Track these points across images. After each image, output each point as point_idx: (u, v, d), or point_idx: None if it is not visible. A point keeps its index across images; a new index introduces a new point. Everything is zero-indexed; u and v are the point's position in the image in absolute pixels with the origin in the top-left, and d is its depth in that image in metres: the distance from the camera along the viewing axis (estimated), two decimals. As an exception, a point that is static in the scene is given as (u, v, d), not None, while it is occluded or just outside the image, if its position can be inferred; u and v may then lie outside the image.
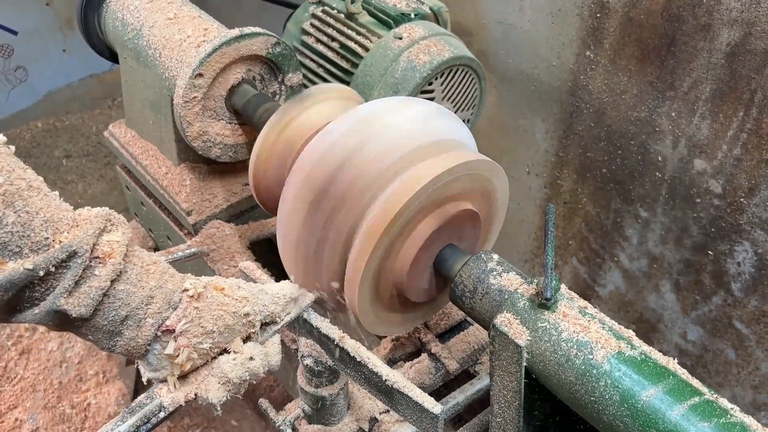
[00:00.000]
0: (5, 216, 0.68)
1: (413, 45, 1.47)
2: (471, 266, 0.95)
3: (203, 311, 0.84)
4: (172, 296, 0.83)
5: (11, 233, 0.69)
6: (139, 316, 0.80)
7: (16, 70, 2.94)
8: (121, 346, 0.81)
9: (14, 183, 0.70)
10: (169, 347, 0.83)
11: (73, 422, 2.01)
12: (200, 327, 0.84)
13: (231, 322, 0.86)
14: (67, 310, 0.74)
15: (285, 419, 1.13)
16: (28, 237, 0.70)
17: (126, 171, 1.67)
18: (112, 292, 0.77)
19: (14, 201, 0.69)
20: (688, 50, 1.43)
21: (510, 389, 0.86)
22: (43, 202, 0.73)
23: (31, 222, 0.70)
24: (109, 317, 0.78)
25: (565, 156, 1.84)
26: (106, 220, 0.78)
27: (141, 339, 0.81)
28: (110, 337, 0.80)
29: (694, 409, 0.72)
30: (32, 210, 0.71)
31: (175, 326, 0.82)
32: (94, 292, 0.75)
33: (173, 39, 1.35)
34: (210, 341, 0.85)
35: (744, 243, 1.49)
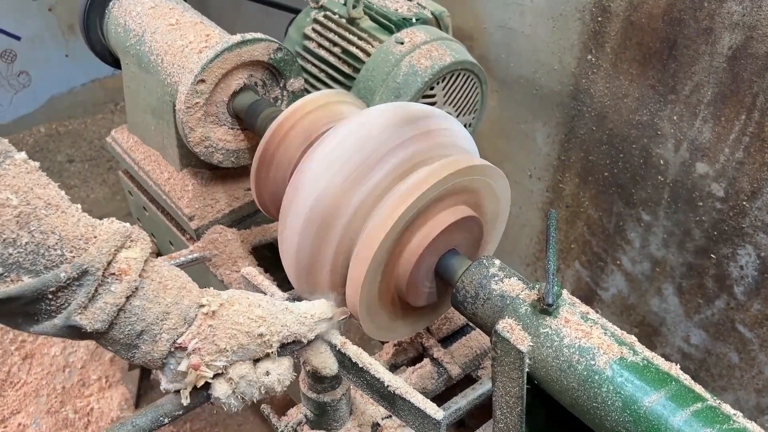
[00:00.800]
0: (19, 237, 0.70)
1: (415, 50, 1.47)
2: (472, 272, 0.95)
3: (217, 329, 0.84)
4: (188, 312, 0.83)
5: (25, 253, 0.70)
6: (155, 332, 0.81)
7: (19, 75, 2.95)
8: (138, 358, 0.83)
9: (30, 203, 0.71)
10: (181, 365, 0.83)
11: (76, 427, 2.01)
12: (214, 345, 0.84)
13: (245, 342, 0.85)
14: (82, 325, 0.75)
15: (287, 424, 1.13)
16: (42, 255, 0.72)
17: (128, 176, 1.67)
18: (128, 307, 0.78)
19: (29, 222, 0.71)
20: (690, 54, 1.43)
21: (512, 395, 0.86)
22: (60, 220, 0.74)
23: (45, 241, 0.72)
24: (125, 332, 0.79)
25: (567, 160, 1.84)
26: (125, 237, 0.79)
27: (156, 353, 0.82)
28: (128, 349, 0.81)
29: (697, 415, 0.72)
30: (47, 229, 0.72)
31: (187, 344, 0.83)
32: (109, 308, 0.76)
33: (175, 45, 1.35)
34: (224, 359, 0.85)
35: (747, 246, 1.49)
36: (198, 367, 0.84)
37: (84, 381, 2.10)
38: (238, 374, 0.86)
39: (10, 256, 0.69)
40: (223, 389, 0.86)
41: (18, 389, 2.06)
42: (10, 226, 0.69)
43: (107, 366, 2.14)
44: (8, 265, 0.69)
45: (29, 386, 2.07)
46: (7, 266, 0.69)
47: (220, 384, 0.86)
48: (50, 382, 2.08)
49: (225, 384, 0.86)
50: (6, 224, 0.69)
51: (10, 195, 0.70)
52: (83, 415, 2.03)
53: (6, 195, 0.69)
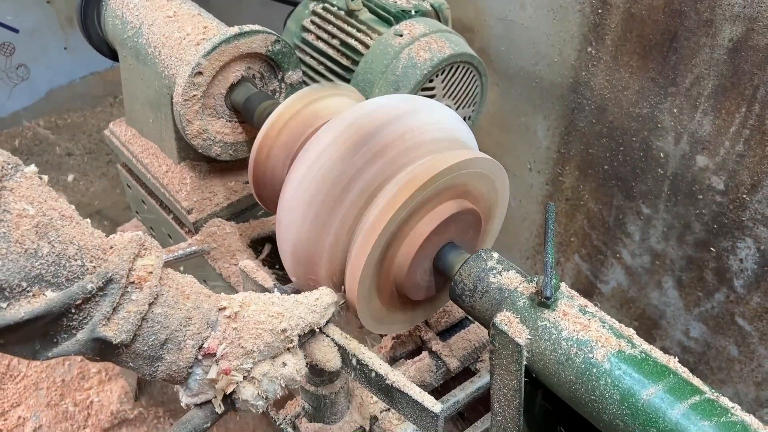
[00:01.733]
0: (40, 248, 0.68)
1: (414, 42, 1.47)
2: (471, 265, 0.95)
3: (242, 331, 0.84)
4: (210, 315, 0.82)
5: (47, 264, 0.69)
6: (179, 339, 0.80)
7: (18, 68, 2.94)
8: (162, 371, 0.81)
9: (46, 214, 0.70)
10: (211, 372, 0.82)
11: (75, 420, 2.01)
12: (240, 348, 0.83)
13: (270, 340, 0.85)
14: (107, 336, 0.73)
15: (286, 417, 1.13)
16: (64, 267, 0.70)
17: (127, 169, 1.67)
18: (150, 315, 0.77)
19: (47, 232, 0.69)
20: (690, 46, 1.43)
21: (510, 388, 0.86)
22: (76, 230, 0.73)
23: (65, 251, 0.70)
24: (149, 342, 0.77)
25: (567, 153, 1.83)
26: (139, 245, 0.78)
27: (182, 362, 0.81)
28: (151, 362, 0.79)
29: (695, 407, 0.72)
30: (66, 239, 0.71)
31: (215, 349, 0.82)
32: (133, 317, 0.75)
33: (173, 37, 1.35)
34: (251, 361, 0.84)
35: (746, 239, 1.49)
36: (229, 371, 0.82)
37: (84, 374, 2.11)
38: (260, 373, 0.85)
39: (33, 269, 0.67)
40: (249, 391, 0.85)
41: (18, 382, 2.07)
42: (30, 236, 0.67)
43: (107, 359, 2.14)
44: (31, 278, 0.67)
45: (29, 379, 2.07)
46: (30, 279, 0.67)
47: (246, 387, 0.85)
48: (50, 375, 2.08)
49: (250, 386, 0.85)
50: (26, 234, 0.67)
51: (26, 205, 0.68)
52: (83, 408, 2.03)
53: (22, 206, 0.68)
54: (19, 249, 0.66)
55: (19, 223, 0.67)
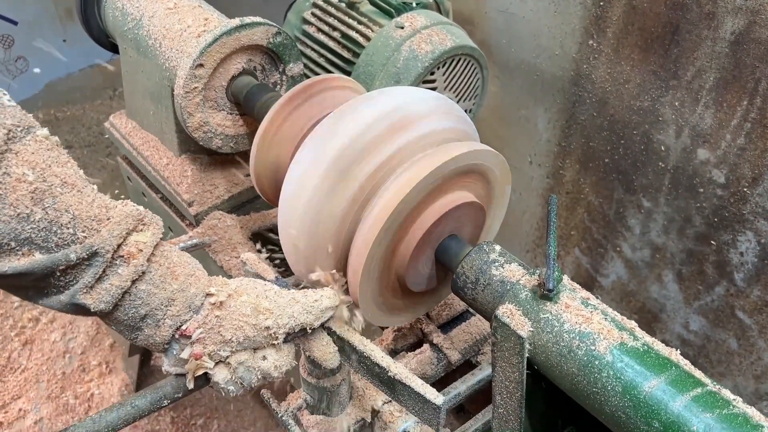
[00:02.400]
0: (33, 213, 0.70)
1: (415, 34, 1.46)
2: (473, 257, 0.95)
3: (224, 320, 0.84)
4: (194, 300, 0.83)
5: (37, 229, 0.71)
6: (158, 317, 0.81)
7: (17, 60, 2.94)
8: (141, 341, 0.83)
9: (47, 180, 0.72)
10: (184, 352, 0.84)
11: (76, 412, 2.01)
12: (219, 335, 0.84)
13: (251, 334, 0.86)
14: (86, 304, 0.76)
15: (287, 410, 1.14)
16: (55, 233, 0.72)
17: (127, 162, 1.66)
18: (133, 290, 0.79)
19: (44, 198, 0.71)
20: (692, 39, 1.42)
21: (512, 380, 0.86)
22: (75, 198, 0.74)
23: (58, 219, 0.72)
24: (129, 314, 0.80)
25: (568, 146, 1.83)
26: (137, 220, 0.79)
27: (158, 338, 0.83)
28: (131, 330, 0.82)
29: (697, 400, 0.72)
30: (61, 207, 0.73)
31: (192, 332, 0.83)
32: (115, 290, 0.77)
33: (173, 29, 1.34)
34: (228, 350, 0.85)
35: (747, 233, 1.49)
36: (200, 356, 0.84)
37: (84, 367, 2.11)
38: (237, 360, 0.86)
39: (23, 231, 0.70)
40: (222, 375, 0.86)
41: (18, 375, 2.07)
42: (25, 201, 0.70)
43: (107, 352, 2.15)
44: (21, 240, 0.70)
45: (29, 372, 2.08)
46: (19, 241, 0.70)
47: (220, 370, 0.86)
48: (50, 368, 2.09)
49: (224, 370, 0.86)
50: (21, 199, 0.69)
51: (27, 171, 0.70)
52: (83, 401, 2.04)
53: (23, 170, 0.70)
54: (11, 212, 0.69)
55: (17, 187, 0.69)
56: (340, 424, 1.11)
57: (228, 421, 2.03)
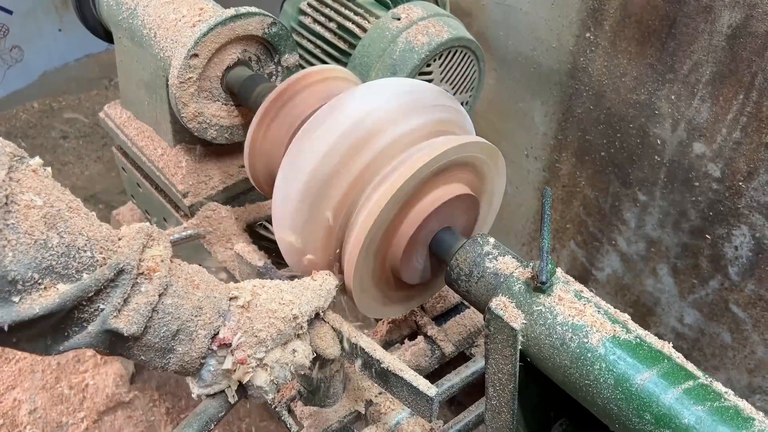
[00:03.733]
0: (49, 239, 0.67)
1: (411, 26, 1.46)
2: (467, 249, 0.95)
3: (255, 320, 0.83)
4: (220, 304, 0.82)
5: (57, 255, 0.68)
6: (191, 329, 0.79)
7: (12, 49, 2.92)
8: (174, 363, 0.80)
9: (54, 205, 0.69)
10: (227, 362, 0.81)
11: (71, 403, 2.02)
12: (254, 337, 0.83)
13: (282, 327, 0.85)
14: (119, 328, 0.72)
15: (281, 401, 1.14)
16: (74, 258, 0.69)
17: (122, 152, 1.66)
18: (161, 306, 0.76)
19: (56, 223, 0.68)
20: (689, 32, 1.42)
21: (505, 372, 0.86)
22: (84, 222, 0.72)
23: (74, 242, 0.69)
24: (161, 333, 0.76)
25: (564, 139, 1.83)
26: (147, 235, 0.77)
27: (195, 353, 0.80)
28: (162, 354, 0.78)
29: (689, 392, 0.72)
30: (74, 230, 0.70)
31: (231, 339, 0.81)
32: (143, 308, 0.74)
33: (168, 18, 1.33)
34: (263, 350, 0.84)
35: (742, 227, 1.49)
36: (245, 361, 0.82)
37: (79, 357, 2.11)
38: (272, 360, 0.85)
39: (43, 260, 0.66)
40: (263, 377, 0.85)
41: (13, 365, 2.07)
42: (39, 227, 0.66)
43: (102, 342, 2.14)
44: (42, 269, 0.66)
45: (24, 362, 2.08)
46: (40, 271, 0.66)
47: (260, 373, 0.85)
48: (45, 359, 2.09)
49: (263, 372, 0.85)
50: (35, 225, 0.66)
51: (34, 197, 0.67)
52: (78, 391, 2.04)
53: (30, 196, 0.67)
54: (28, 240, 0.65)
55: (28, 214, 0.66)
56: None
57: (223, 412, 2.03)
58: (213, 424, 0.84)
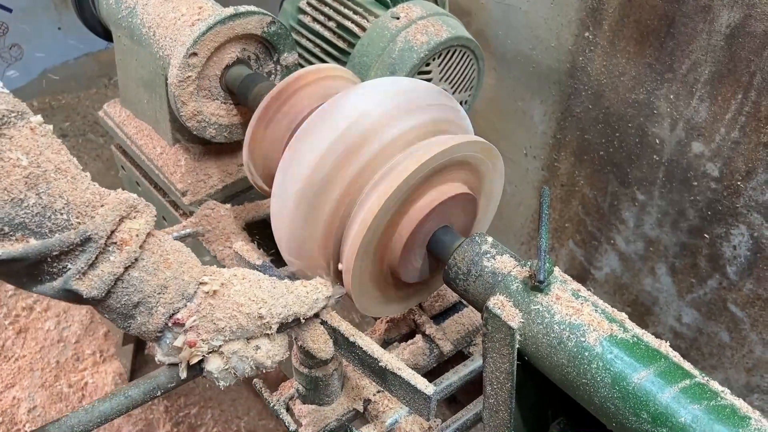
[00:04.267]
0: (27, 198, 0.70)
1: (411, 25, 1.46)
2: (465, 248, 0.95)
3: (217, 309, 0.84)
4: (187, 288, 0.83)
5: (31, 215, 0.71)
6: (151, 304, 0.81)
7: (11, 48, 2.91)
8: (134, 329, 0.83)
9: (41, 165, 0.72)
10: (178, 340, 0.84)
11: (70, 401, 2.02)
12: (212, 324, 0.84)
13: (244, 323, 0.86)
14: (79, 290, 0.76)
15: (279, 399, 1.14)
16: (49, 218, 0.72)
17: (121, 151, 1.66)
18: (126, 278, 0.79)
19: (38, 183, 0.71)
20: (688, 32, 1.42)
21: (502, 371, 0.86)
22: (69, 185, 0.74)
23: (52, 204, 0.72)
24: (122, 301, 0.79)
25: (563, 138, 1.83)
26: (130, 207, 0.79)
27: (151, 326, 0.82)
28: (124, 318, 0.82)
29: (685, 391, 0.73)
30: (55, 193, 0.73)
31: (185, 320, 0.83)
32: (107, 276, 0.77)
33: (167, 17, 1.33)
34: (221, 338, 0.85)
35: (740, 226, 1.49)
36: (194, 344, 0.84)
37: (78, 355, 2.11)
38: (230, 350, 0.86)
39: (16, 216, 0.70)
40: (215, 364, 0.86)
41: (12, 363, 2.07)
42: (18, 186, 0.70)
43: (101, 341, 2.15)
44: (14, 225, 0.70)
45: (23, 360, 2.08)
46: (13, 226, 0.70)
47: (213, 359, 0.86)
48: (44, 357, 2.09)
49: (218, 359, 0.86)
50: (14, 184, 0.69)
51: (21, 155, 0.70)
52: (77, 390, 2.04)
53: (17, 155, 0.70)
54: (5, 196, 0.69)
55: (11, 172, 0.69)
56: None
57: (222, 410, 2.03)
58: (160, 391, 0.87)
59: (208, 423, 2.00)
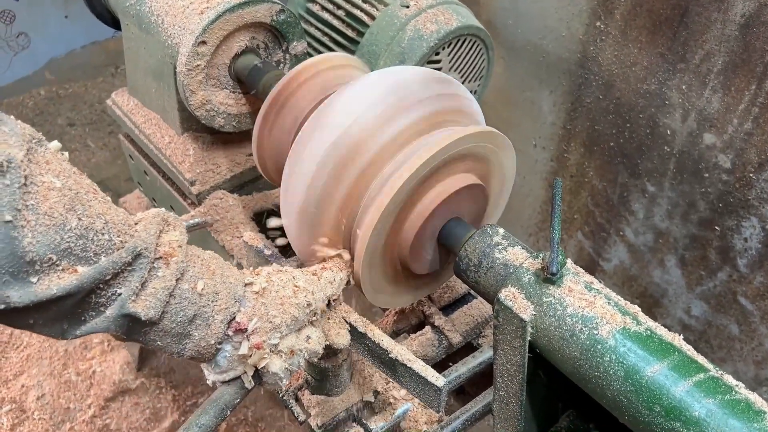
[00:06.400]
0: (68, 220, 0.67)
1: (420, 13, 1.44)
2: (476, 240, 0.94)
3: (270, 306, 0.83)
4: (236, 290, 0.82)
5: (75, 237, 0.68)
6: (207, 314, 0.79)
7: (18, 36, 2.91)
8: (190, 349, 0.80)
9: (72, 188, 0.69)
10: (242, 347, 0.82)
11: (78, 389, 2.03)
12: (269, 322, 0.83)
13: (296, 314, 0.85)
14: (136, 312, 0.72)
15: (288, 389, 1.14)
16: (92, 240, 0.69)
17: (129, 140, 1.65)
18: (178, 291, 0.76)
19: (75, 205, 0.68)
20: (701, 21, 1.40)
21: (513, 363, 0.86)
22: (102, 205, 0.72)
23: (93, 225, 0.70)
24: (177, 318, 0.77)
25: (573, 129, 1.82)
26: (163, 220, 0.77)
27: (211, 338, 0.80)
28: (179, 340, 0.79)
29: (699, 385, 0.72)
30: (92, 213, 0.70)
31: (246, 324, 0.81)
32: (161, 292, 0.74)
33: (176, 5, 1.32)
34: (278, 336, 0.84)
35: (751, 218, 1.48)
36: (261, 346, 0.82)
37: (86, 344, 2.12)
38: (287, 346, 0.85)
39: (62, 241, 0.66)
40: (278, 364, 0.85)
41: (21, 351, 2.08)
42: (58, 209, 0.67)
43: (109, 329, 2.15)
44: (60, 251, 0.66)
45: (32, 348, 2.09)
46: (59, 252, 0.66)
47: (275, 360, 0.85)
48: (53, 345, 2.10)
49: (278, 358, 0.85)
50: (54, 207, 0.66)
51: (53, 179, 0.68)
52: (86, 378, 2.05)
53: (49, 178, 0.67)
54: (47, 221, 0.66)
55: (47, 196, 0.66)
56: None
57: (229, 399, 2.04)
58: (229, 410, 0.84)
59: (215, 412, 2.01)
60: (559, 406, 0.97)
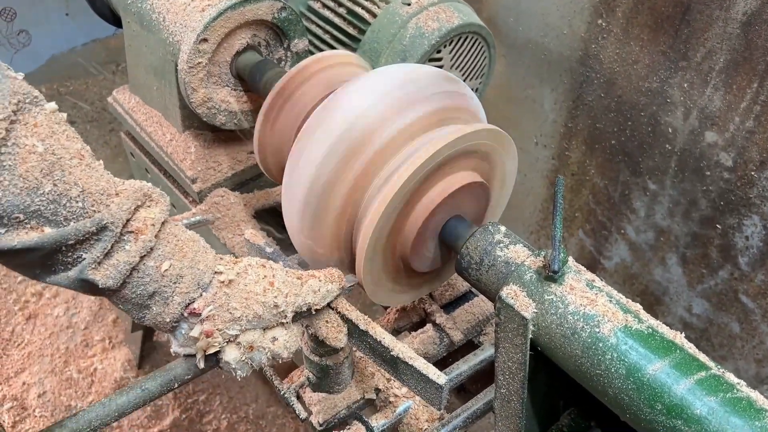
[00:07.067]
0: (42, 185, 0.69)
1: (422, 11, 1.44)
2: (477, 238, 0.94)
3: (232, 298, 0.84)
4: (203, 277, 0.82)
5: (47, 202, 0.70)
6: (167, 294, 0.80)
7: (19, 33, 2.91)
8: (149, 319, 0.82)
9: (56, 153, 0.71)
10: (194, 330, 0.83)
11: (80, 386, 2.03)
12: (228, 313, 0.83)
13: (260, 312, 0.85)
14: (94, 280, 0.75)
15: (290, 387, 1.14)
16: (64, 206, 0.71)
17: (130, 137, 1.65)
18: (141, 267, 0.78)
19: (53, 171, 0.70)
20: (703, 19, 1.40)
21: (515, 361, 0.86)
22: (84, 173, 0.74)
23: (67, 192, 0.71)
24: (137, 291, 0.79)
25: (574, 127, 1.82)
26: (144, 195, 0.78)
27: (167, 316, 0.82)
28: (139, 309, 0.81)
29: (701, 383, 0.72)
30: (70, 180, 0.72)
31: (201, 310, 0.82)
32: (123, 266, 0.76)
33: (177, 3, 1.32)
34: (237, 328, 0.84)
35: (753, 217, 1.48)
36: (211, 334, 0.83)
37: (87, 342, 2.12)
38: (247, 340, 0.86)
39: (32, 204, 0.69)
40: (233, 354, 0.86)
41: (22, 349, 2.08)
42: (34, 173, 0.69)
43: (110, 327, 2.16)
44: (29, 212, 0.69)
45: (33, 346, 2.09)
46: (28, 213, 0.69)
47: (231, 349, 0.85)
48: (54, 342, 2.10)
49: (235, 349, 0.86)
50: (30, 171, 0.68)
51: (37, 142, 0.69)
52: (87, 375, 2.05)
53: (33, 141, 0.69)
54: (21, 183, 0.68)
55: (27, 159, 0.68)
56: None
57: (230, 397, 2.04)
58: (177, 383, 0.86)
59: (216, 410, 2.01)
60: (560, 403, 0.97)
